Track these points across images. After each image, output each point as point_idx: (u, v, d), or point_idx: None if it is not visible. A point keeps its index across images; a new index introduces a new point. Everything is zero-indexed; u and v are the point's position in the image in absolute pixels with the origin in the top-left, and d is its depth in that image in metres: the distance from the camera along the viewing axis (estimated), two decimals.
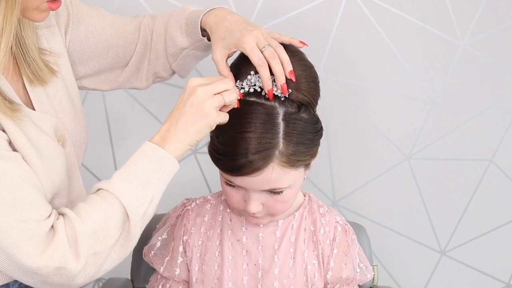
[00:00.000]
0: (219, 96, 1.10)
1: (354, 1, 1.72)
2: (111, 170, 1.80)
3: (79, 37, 1.27)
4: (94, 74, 1.33)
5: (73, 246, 1.02)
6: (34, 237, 1.00)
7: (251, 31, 1.17)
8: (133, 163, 1.08)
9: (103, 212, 1.04)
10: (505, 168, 1.85)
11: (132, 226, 1.06)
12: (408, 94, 1.79)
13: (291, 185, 1.17)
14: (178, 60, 1.32)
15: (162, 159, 1.08)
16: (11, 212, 0.99)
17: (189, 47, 1.30)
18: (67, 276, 1.02)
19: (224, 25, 1.20)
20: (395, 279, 1.91)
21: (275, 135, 1.12)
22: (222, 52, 1.19)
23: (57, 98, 1.18)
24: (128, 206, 1.05)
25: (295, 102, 1.15)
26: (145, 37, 1.34)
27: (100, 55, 1.30)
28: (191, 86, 1.10)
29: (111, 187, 1.06)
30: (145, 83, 1.38)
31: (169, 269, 1.31)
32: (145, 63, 1.35)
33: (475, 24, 1.75)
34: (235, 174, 1.14)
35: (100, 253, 1.04)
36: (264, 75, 1.14)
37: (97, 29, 1.29)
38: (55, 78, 1.18)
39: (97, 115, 1.78)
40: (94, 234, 1.03)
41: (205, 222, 1.31)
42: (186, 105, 1.09)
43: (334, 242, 1.29)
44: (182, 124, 1.09)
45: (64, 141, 1.16)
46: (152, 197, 1.07)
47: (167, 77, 1.38)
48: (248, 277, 1.28)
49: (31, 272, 1.00)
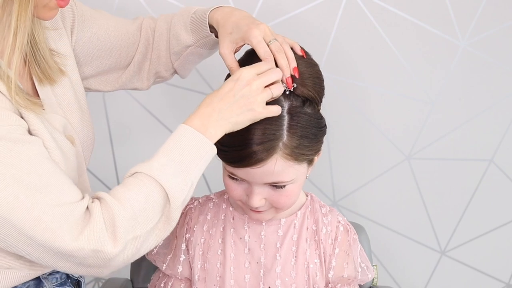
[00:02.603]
0: (268, 90, 1.11)
1: (354, 1, 1.72)
2: (111, 171, 1.81)
3: (84, 38, 1.27)
4: (96, 75, 1.33)
5: (111, 230, 1.01)
6: (68, 219, 0.98)
7: (258, 25, 1.17)
8: (172, 147, 1.07)
9: (143, 196, 1.03)
10: (505, 168, 1.85)
11: (172, 210, 1.05)
12: (408, 94, 1.79)
13: (294, 179, 1.17)
14: (181, 58, 1.33)
15: (203, 145, 1.08)
16: (42, 197, 0.97)
17: (193, 44, 1.30)
18: (104, 259, 1.01)
19: (232, 20, 1.21)
20: (395, 279, 1.91)
21: (279, 127, 1.13)
22: (230, 46, 1.20)
23: (65, 99, 1.18)
24: (170, 191, 1.04)
25: (300, 97, 1.15)
26: (146, 37, 1.34)
27: (103, 55, 1.31)
28: (245, 77, 1.10)
29: (152, 170, 1.05)
30: (146, 83, 1.39)
31: (172, 267, 1.31)
32: (147, 63, 1.36)
33: (475, 24, 1.75)
34: (239, 166, 1.14)
35: (139, 237, 1.03)
36: None
37: (101, 30, 1.29)
38: (64, 78, 1.18)
39: (98, 116, 1.78)
40: (133, 219, 1.02)
41: (207, 221, 1.32)
42: (236, 96, 1.09)
43: (336, 242, 1.30)
44: (227, 113, 1.09)
45: (73, 141, 1.16)
46: (191, 183, 1.07)
47: (168, 77, 1.39)
48: (250, 275, 1.28)
49: (67, 255, 0.99)
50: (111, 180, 1.81)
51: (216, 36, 1.27)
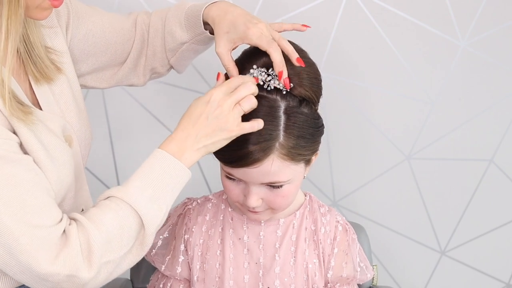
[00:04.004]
0: (238, 106, 1.10)
1: (354, 1, 1.72)
2: (111, 171, 1.80)
3: (79, 35, 1.27)
4: (92, 72, 1.33)
5: (86, 254, 1.01)
6: (46, 243, 0.99)
7: (255, 24, 1.17)
8: (148, 172, 1.07)
9: (118, 221, 1.03)
10: (505, 168, 1.85)
11: (147, 236, 1.06)
12: (408, 94, 1.79)
13: (291, 180, 1.17)
14: (176, 55, 1.32)
15: (178, 170, 1.08)
16: (21, 218, 0.97)
17: (189, 41, 1.29)
18: (78, 284, 1.01)
19: (227, 18, 1.20)
20: (395, 279, 1.91)
21: (276, 127, 1.13)
22: (227, 45, 1.19)
23: (63, 97, 1.17)
24: (145, 217, 1.05)
25: (296, 97, 1.15)
26: (142, 33, 1.34)
27: (99, 52, 1.30)
28: (216, 98, 1.10)
29: (127, 196, 1.05)
30: (142, 79, 1.38)
31: (171, 267, 1.31)
32: (142, 59, 1.35)
33: (475, 24, 1.75)
34: (235, 166, 1.14)
35: (112, 262, 1.03)
36: (276, 57, 1.14)
37: (97, 27, 1.29)
38: (61, 76, 1.17)
39: (97, 116, 1.77)
40: (108, 243, 1.02)
41: (206, 221, 1.32)
42: (209, 118, 1.09)
43: (334, 241, 1.30)
44: (202, 137, 1.09)
45: (71, 141, 1.16)
46: (166, 208, 1.08)
47: (164, 72, 1.38)
48: (249, 275, 1.28)
49: (42, 278, 0.99)
50: (111, 180, 1.81)
51: (211, 33, 1.26)
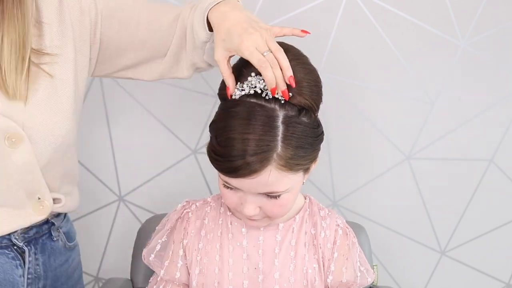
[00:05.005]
0: None
1: (354, 1, 1.72)
2: (111, 171, 1.80)
3: (110, 32, 1.27)
4: (136, 65, 1.35)
5: None
6: None
7: (250, 35, 1.15)
8: None
9: None
10: (505, 168, 1.85)
11: None
12: (408, 94, 1.78)
13: (289, 189, 1.16)
14: (206, 52, 1.30)
15: None
16: None
17: (208, 41, 1.27)
18: None
19: (225, 25, 1.18)
20: (395, 279, 1.91)
21: (274, 137, 1.11)
22: (224, 53, 1.18)
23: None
24: None
25: (295, 106, 1.13)
26: (182, 29, 1.32)
27: (136, 48, 1.31)
28: None
29: None
30: (186, 73, 1.37)
31: (169, 272, 1.30)
32: (183, 54, 1.34)
33: (475, 24, 1.74)
34: (232, 176, 1.13)
35: None
36: (267, 75, 1.12)
37: (131, 24, 1.29)
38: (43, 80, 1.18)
39: (97, 116, 1.77)
40: None
41: (205, 225, 1.30)
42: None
43: (334, 246, 1.28)
44: None
45: (18, 140, 1.16)
46: None
47: (206, 67, 1.36)
48: (249, 281, 1.27)
49: None
50: (111, 179, 1.81)
51: None
